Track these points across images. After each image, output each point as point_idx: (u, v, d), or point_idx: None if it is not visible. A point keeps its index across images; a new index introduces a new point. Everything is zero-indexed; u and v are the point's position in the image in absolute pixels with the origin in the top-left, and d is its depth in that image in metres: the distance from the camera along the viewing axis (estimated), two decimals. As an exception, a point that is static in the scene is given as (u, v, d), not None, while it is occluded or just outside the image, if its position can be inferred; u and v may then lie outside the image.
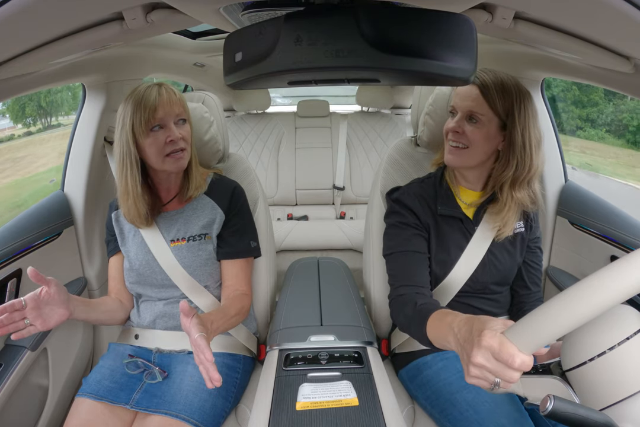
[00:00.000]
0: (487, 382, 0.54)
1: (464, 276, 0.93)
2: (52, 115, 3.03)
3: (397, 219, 0.95)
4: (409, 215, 0.94)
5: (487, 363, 0.52)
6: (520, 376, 0.54)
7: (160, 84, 0.93)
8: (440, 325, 0.68)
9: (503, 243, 0.94)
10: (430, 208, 0.94)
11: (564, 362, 0.57)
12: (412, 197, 0.95)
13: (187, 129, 0.95)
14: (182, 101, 0.94)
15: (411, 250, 0.92)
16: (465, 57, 0.45)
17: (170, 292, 1.00)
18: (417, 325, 0.75)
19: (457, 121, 0.86)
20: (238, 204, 1.03)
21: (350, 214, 2.29)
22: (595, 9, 0.45)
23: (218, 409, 0.90)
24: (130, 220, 0.96)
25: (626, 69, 0.65)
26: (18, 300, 0.76)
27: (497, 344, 0.51)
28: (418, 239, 0.93)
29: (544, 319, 0.49)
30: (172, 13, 0.61)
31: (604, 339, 0.53)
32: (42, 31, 0.56)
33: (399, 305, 0.86)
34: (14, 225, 1.10)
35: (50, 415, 1.08)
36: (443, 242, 0.93)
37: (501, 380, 0.53)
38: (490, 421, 0.78)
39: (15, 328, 0.76)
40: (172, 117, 0.91)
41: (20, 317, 0.76)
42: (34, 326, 0.77)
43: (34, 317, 0.77)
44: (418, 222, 0.94)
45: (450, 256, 0.93)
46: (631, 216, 1.14)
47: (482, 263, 0.93)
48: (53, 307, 0.80)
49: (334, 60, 0.43)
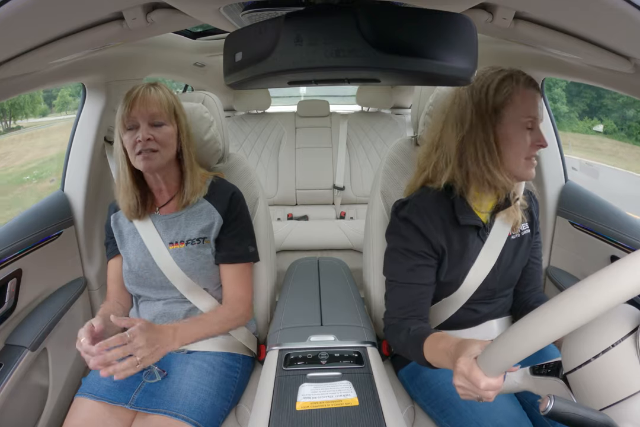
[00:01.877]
0: (473, 397, 0.63)
1: (474, 286, 0.89)
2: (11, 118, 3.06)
3: (402, 244, 0.87)
4: (418, 240, 0.85)
5: (463, 384, 0.62)
6: (531, 376, 0.62)
7: (153, 84, 0.93)
8: (436, 351, 0.73)
9: (511, 247, 0.90)
10: (443, 220, 0.86)
11: (565, 364, 0.57)
12: (422, 215, 0.86)
13: (166, 131, 0.93)
14: (164, 102, 0.93)
15: (414, 282, 0.86)
16: (465, 57, 0.45)
17: (170, 293, 1.00)
18: (413, 350, 0.79)
19: (539, 132, 0.79)
20: (237, 209, 1.02)
21: (350, 214, 2.29)
22: (595, 9, 0.45)
23: (217, 408, 0.90)
24: (126, 212, 0.99)
25: (626, 69, 0.65)
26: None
27: (467, 369, 0.60)
28: (422, 270, 0.86)
29: (505, 344, 0.55)
30: (172, 13, 0.61)
31: (603, 339, 0.53)
32: (42, 31, 0.56)
33: (393, 332, 0.87)
34: (14, 225, 1.10)
35: (50, 415, 1.08)
36: (456, 258, 0.88)
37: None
38: (489, 421, 0.78)
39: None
40: (146, 118, 0.91)
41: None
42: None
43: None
44: (427, 248, 0.86)
45: (463, 269, 0.88)
46: (631, 216, 1.14)
47: (492, 270, 0.89)
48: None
49: (334, 60, 0.43)
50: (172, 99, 0.95)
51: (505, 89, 0.78)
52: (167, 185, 1.00)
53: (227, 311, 0.98)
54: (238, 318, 1.00)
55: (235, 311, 0.99)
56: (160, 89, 0.94)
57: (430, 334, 0.77)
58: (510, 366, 0.56)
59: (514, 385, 0.65)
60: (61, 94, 4.76)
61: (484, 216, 0.89)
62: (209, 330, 0.94)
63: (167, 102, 0.94)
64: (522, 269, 0.97)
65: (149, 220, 1.00)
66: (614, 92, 1.17)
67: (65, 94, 4.74)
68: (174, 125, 0.95)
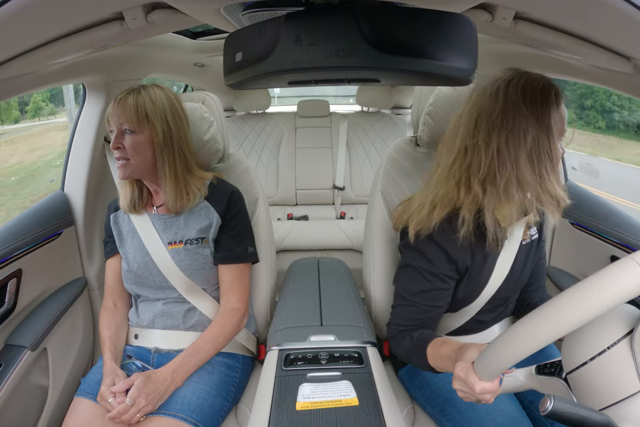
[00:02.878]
0: (472, 399, 0.65)
1: (488, 297, 0.87)
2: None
3: (422, 264, 0.81)
4: (442, 263, 0.80)
5: (462, 388, 0.64)
6: (536, 375, 0.63)
7: (137, 88, 0.92)
8: (439, 357, 0.74)
9: (523, 253, 0.87)
10: (468, 235, 0.77)
11: (564, 365, 0.57)
12: (449, 234, 0.78)
13: (135, 140, 0.90)
14: (140, 109, 0.89)
15: (430, 304, 0.83)
16: (465, 57, 0.45)
17: (169, 293, 0.99)
18: (417, 356, 0.79)
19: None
20: (235, 209, 1.01)
21: (351, 214, 2.29)
22: (595, 9, 0.45)
23: (217, 408, 0.90)
24: (123, 206, 1.01)
25: (626, 69, 0.65)
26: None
27: (463, 374, 0.62)
28: (441, 293, 0.83)
29: (497, 351, 0.57)
30: (172, 13, 0.61)
31: (599, 341, 0.53)
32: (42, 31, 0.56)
33: (397, 340, 0.86)
34: (14, 225, 1.10)
35: (50, 415, 1.08)
36: (476, 274, 0.83)
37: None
38: (489, 420, 0.79)
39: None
40: (117, 125, 0.91)
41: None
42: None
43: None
44: (450, 271, 0.81)
45: (480, 284, 0.85)
46: (631, 216, 1.14)
47: (506, 279, 0.86)
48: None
49: (334, 60, 0.43)
50: (149, 104, 0.90)
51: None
52: (160, 188, 0.98)
53: (220, 327, 0.96)
54: (233, 329, 0.98)
55: (231, 321, 0.97)
56: (140, 93, 0.90)
57: (432, 339, 0.78)
58: (503, 370, 0.59)
59: (518, 384, 0.65)
60: (34, 100, 4.61)
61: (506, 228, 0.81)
62: (207, 357, 0.93)
63: (140, 108, 0.89)
64: (531, 273, 0.94)
65: (147, 219, 1.00)
66: (573, 83, 1.19)
67: (37, 100, 4.61)
68: (145, 133, 0.91)
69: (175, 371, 0.88)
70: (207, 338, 0.94)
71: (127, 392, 0.83)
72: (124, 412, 0.81)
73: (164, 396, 0.85)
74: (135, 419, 0.82)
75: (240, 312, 0.99)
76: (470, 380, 0.61)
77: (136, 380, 0.83)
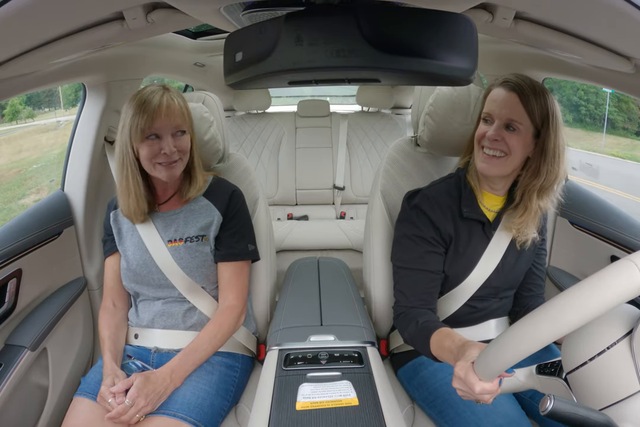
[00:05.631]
0: (471, 398, 0.66)
1: (479, 282, 0.91)
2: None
3: (413, 231, 0.91)
4: (427, 228, 0.90)
5: (461, 387, 0.65)
6: (537, 375, 0.64)
7: (167, 89, 0.91)
8: (442, 348, 0.76)
9: (517, 248, 0.91)
10: (452, 211, 0.90)
11: (564, 365, 0.57)
12: (432, 204, 0.90)
13: (186, 139, 0.93)
14: (184, 110, 0.92)
15: (424, 269, 0.90)
16: (465, 57, 0.45)
17: (168, 292, 0.99)
18: (421, 343, 0.82)
19: (496, 129, 0.82)
20: (236, 207, 1.02)
21: (351, 214, 2.29)
22: (595, 9, 0.45)
23: (216, 407, 0.90)
24: (128, 215, 0.98)
25: (626, 69, 0.65)
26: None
27: (463, 374, 0.63)
28: (432, 257, 0.90)
29: (497, 351, 0.57)
30: (172, 13, 0.61)
31: (599, 341, 0.53)
32: (42, 31, 0.56)
33: (403, 322, 0.89)
34: (14, 225, 1.10)
35: (50, 415, 1.08)
36: (462, 249, 0.91)
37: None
38: (488, 422, 0.78)
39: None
40: (170, 129, 0.89)
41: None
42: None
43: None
44: (436, 235, 0.90)
45: (468, 263, 0.91)
46: (631, 216, 1.14)
47: (497, 269, 0.91)
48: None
49: (334, 60, 0.43)
50: (185, 103, 0.93)
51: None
52: (172, 183, 1.00)
53: (218, 326, 0.95)
54: (231, 327, 0.98)
55: (228, 319, 0.97)
56: (175, 94, 0.91)
57: (437, 329, 0.79)
58: (502, 371, 0.59)
59: (518, 384, 0.65)
60: (11, 103, 4.53)
61: (490, 214, 0.91)
62: (205, 355, 0.93)
63: (186, 109, 0.93)
64: (525, 271, 0.97)
65: (148, 218, 1.00)
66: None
67: (15, 103, 4.54)
68: (189, 131, 0.95)
69: (174, 371, 0.88)
70: (205, 337, 0.94)
71: (126, 392, 0.83)
72: (123, 412, 0.81)
73: (163, 396, 0.85)
74: (134, 419, 0.82)
75: (237, 309, 0.99)
76: (469, 380, 0.62)
77: (135, 381, 0.83)
